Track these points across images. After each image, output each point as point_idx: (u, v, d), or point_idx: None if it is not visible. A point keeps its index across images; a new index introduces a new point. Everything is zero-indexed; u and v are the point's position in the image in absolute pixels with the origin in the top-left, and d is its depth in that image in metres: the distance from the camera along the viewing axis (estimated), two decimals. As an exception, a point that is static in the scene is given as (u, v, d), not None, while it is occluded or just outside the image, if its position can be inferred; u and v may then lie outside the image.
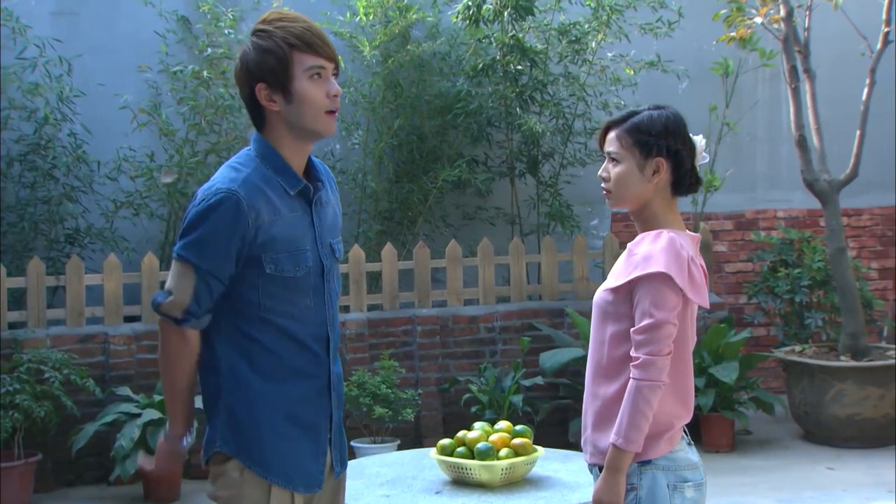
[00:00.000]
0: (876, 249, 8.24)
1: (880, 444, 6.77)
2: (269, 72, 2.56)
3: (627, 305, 2.79)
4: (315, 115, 2.58)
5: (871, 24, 6.96)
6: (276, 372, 2.61)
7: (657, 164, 2.86)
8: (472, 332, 6.90)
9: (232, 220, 2.52)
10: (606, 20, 7.18)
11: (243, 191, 2.54)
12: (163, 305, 2.58)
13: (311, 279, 2.63)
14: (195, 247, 2.55)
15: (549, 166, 7.45)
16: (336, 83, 2.63)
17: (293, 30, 2.57)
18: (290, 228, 2.59)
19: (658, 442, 2.79)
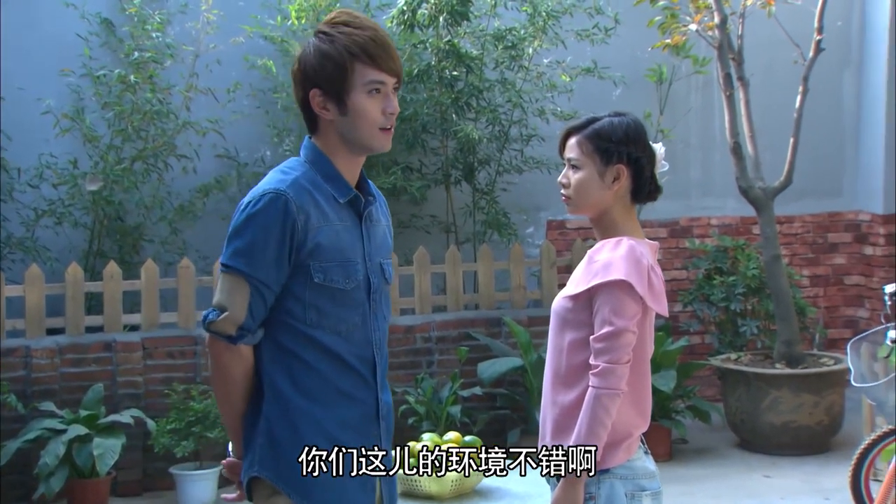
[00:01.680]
0: (807, 257, 8.41)
1: (815, 451, 6.90)
2: (325, 79, 2.47)
3: (587, 313, 2.81)
4: (369, 131, 2.50)
5: (803, 33, 7.11)
6: (320, 392, 2.49)
7: (618, 171, 2.88)
8: (409, 342, 6.88)
9: (281, 223, 2.42)
10: (543, 26, 7.22)
11: (292, 192, 2.45)
12: (215, 324, 2.45)
13: (359, 294, 2.53)
14: (245, 254, 2.43)
15: (486, 173, 7.48)
16: (395, 100, 2.54)
17: (358, 38, 2.47)
18: (340, 237, 2.50)
19: (616, 450, 2.81)
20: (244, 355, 2.48)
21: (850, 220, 8.44)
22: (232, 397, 2.50)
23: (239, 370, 2.48)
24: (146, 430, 6.22)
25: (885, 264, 8.21)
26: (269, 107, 7.36)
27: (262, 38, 7.29)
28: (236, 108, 7.22)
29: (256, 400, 2.51)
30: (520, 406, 6.81)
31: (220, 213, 7.33)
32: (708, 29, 7.06)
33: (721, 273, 7.56)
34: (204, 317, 2.48)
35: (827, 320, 8.26)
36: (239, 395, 2.50)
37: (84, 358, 6.34)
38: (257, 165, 7.42)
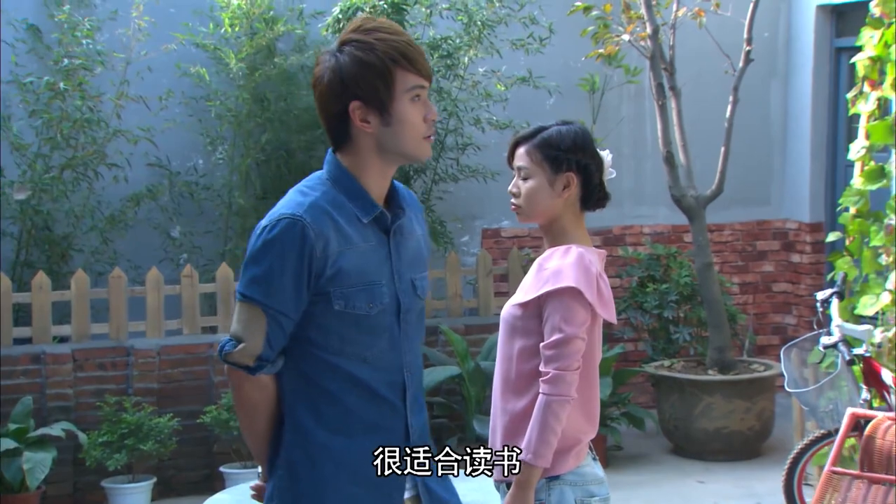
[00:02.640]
0: (737, 264, 8.55)
1: (747, 456, 7.02)
2: (368, 89, 2.34)
3: (536, 320, 2.83)
4: (414, 139, 2.39)
5: (732, 43, 7.23)
6: (343, 425, 2.37)
7: (567, 178, 2.91)
8: (345, 351, 6.84)
9: (298, 250, 2.29)
10: (478, 35, 7.27)
11: (309, 216, 2.31)
12: (232, 355, 2.34)
13: (385, 318, 2.39)
14: (261, 283, 2.30)
15: (421, 182, 7.49)
16: (433, 106, 2.45)
17: (396, 44, 2.36)
18: (363, 260, 2.36)
19: (566, 457, 2.84)
20: (264, 384, 2.37)
21: (778, 228, 8.61)
22: (255, 425, 2.41)
23: (260, 398, 2.38)
24: (77, 444, 6.13)
25: (812, 272, 8.38)
26: (201, 115, 7.30)
27: (194, 45, 7.23)
28: (168, 116, 7.16)
29: (278, 426, 2.41)
30: (457, 415, 6.83)
31: (151, 223, 7.25)
32: (640, 39, 7.15)
33: (654, 281, 7.66)
34: (220, 347, 2.38)
35: (756, 327, 8.41)
36: (262, 423, 2.40)
37: (13, 370, 6.23)
38: (189, 174, 7.36)
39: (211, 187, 7.33)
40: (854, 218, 6.10)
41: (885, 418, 4.12)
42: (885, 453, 3.97)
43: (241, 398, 2.39)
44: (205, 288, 6.84)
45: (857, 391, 4.98)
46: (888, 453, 3.96)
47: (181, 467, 6.55)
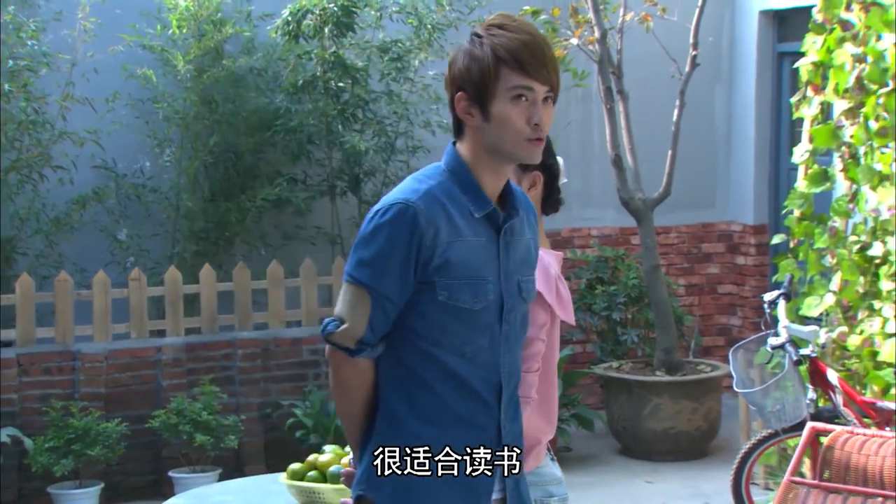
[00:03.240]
0: (683, 266, 8.65)
1: (694, 456, 7.10)
2: (470, 82, 2.33)
3: None
4: (514, 141, 2.34)
5: (679, 48, 7.32)
6: (436, 415, 2.37)
7: (534, 177, 2.92)
8: (296, 354, 6.85)
9: (408, 236, 2.30)
10: (428, 39, 7.29)
11: (423, 203, 2.31)
12: (334, 335, 2.35)
13: (488, 316, 2.38)
14: (369, 266, 2.31)
15: (372, 185, 7.49)
16: (543, 110, 2.35)
17: (506, 41, 2.31)
18: (471, 254, 2.35)
19: (526, 458, 2.85)
20: (363, 369, 2.37)
21: (723, 230, 8.73)
22: (351, 409, 2.40)
23: (357, 383, 2.38)
24: (23, 449, 6.06)
25: (756, 273, 8.51)
26: (148, 117, 7.25)
27: (141, 47, 7.17)
28: (115, 118, 7.09)
29: (371, 414, 2.41)
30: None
31: (97, 225, 7.18)
32: (588, 43, 7.22)
33: (602, 283, 7.73)
34: (323, 326, 2.38)
35: (702, 328, 8.52)
36: (358, 408, 2.40)
37: (-43, 376, 6.13)
38: (136, 176, 7.30)
39: (158, 190, 7.27)
40: (799, 220, 6.22)
41: (843, 431, 4.21)
42: (842, 464, 4.06)
43: (339, 380, 2.39)
44: (153, 291, 6.79)
45: (803, 391, 5.07)
46: (845, 464, 4.05)
47: (129, 472, 6.50)
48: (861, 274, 5.81)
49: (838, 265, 5.91)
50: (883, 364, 5.57)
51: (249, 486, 4.01)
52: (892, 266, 5.60)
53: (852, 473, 4.03)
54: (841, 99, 5.96)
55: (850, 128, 5.89)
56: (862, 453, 4.03)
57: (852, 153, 5.93)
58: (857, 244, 5.84)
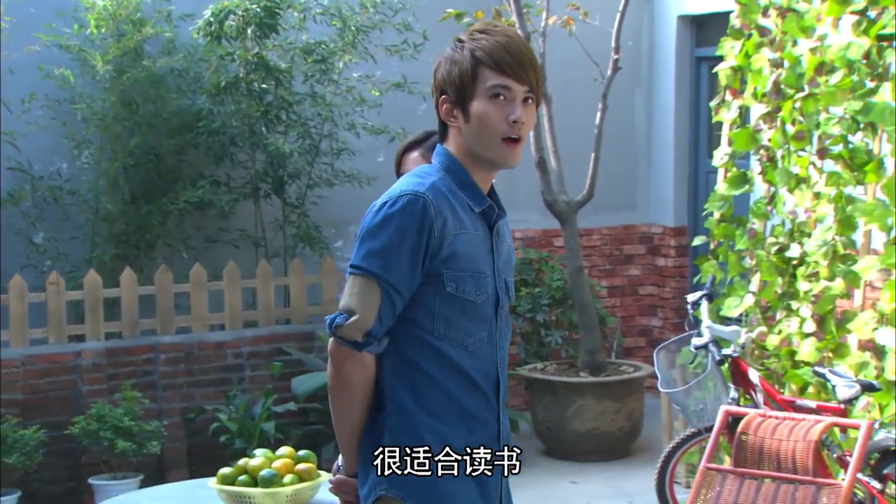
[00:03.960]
0: (605, 268, 8.77)
1: (617, 456, 7.20)
2: (451, 85, 2.42)
3: None
4: (489, 140, 2.39)
5: (601, 51, 7.43)
6: (443, 410, 2.39)
7: None
8: (219, 358, 6.80)
9: (418, 226, 2.32)
10: (352, 41, 7.29)
11: (431, 194, 2.36)
12: (343, 328, 2.32)
13: (487, 309, 2.42)
14: (379, 256, 2.32)
15: (296, 187, 7.47)
16: (522, 110, 2.40)
17: (484, 43, 2.39)
18: (473, 247, 2.40)
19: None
20: (367, 364, 2.36)
21: (644, 232, 8.86)
22: (352, 408, 2.38)
23: (361, 379, 2.36)
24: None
25: (677, 275, 8.66)
26: (66, 118, 7.14)
27: (57, 46, 7.06)
28: (31, 119, 6.97)
29: (375, 413, 2.39)
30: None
31: (13, 228, 7.06)
32: (512, 46, 7.28)
33: (526, 285, 7.80)
34: (330, 321, 2.35)
35: (623, 329, 8.64)
36: (359, 407, 2.38)
37: None
38: (53, 178, 7.18)
39: (77, 192, 7.16)
40: (719, 222, 6.35)
41: (755, 415, 4.31)
42: (756, 449, 4.15)
43: (342, 377, 2.36)
44: (71, 295, 6.69)
45: (725, 391, 5.18)
46: (759, 449, 4.14)
47: (47, 480, 6.39)
48: (779, 275, 5.96)
49: (757, 266, 6.05)
50: (801, 363, 5.72)
51: (178, 492, 3.98)
52: (808, 267, 5.75)
53: (766, 458, 4.13)
54: (759, 103, 6.10)
55: (768, 131, 6.04)
56: (774, 437, 4.13)
57: (770, 156, 6.07)
58: (775, 246, 5.98)
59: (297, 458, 3.71)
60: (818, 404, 4.97)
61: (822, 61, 5.64)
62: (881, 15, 5.32)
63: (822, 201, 5.68)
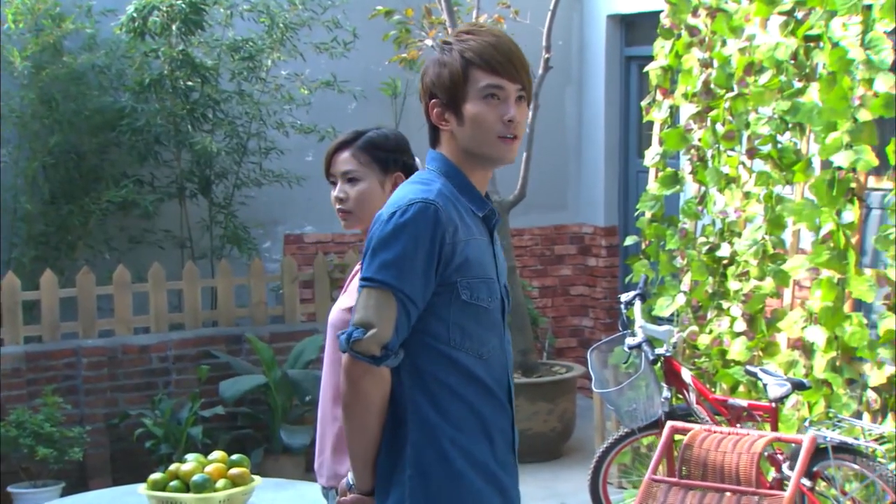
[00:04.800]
0: (536, 268, 8.84)
1: (550, 457, 7.26)
2: (441, 88, 2.39)
3: None
4: (486, 139, 2.38)
5: (532, 50, 7.47)
6: (465, 421, 2.36)
7: (396, 179, 2.97)
8: (144, 362, 6.73)
9: (431, 234, 2.30)
10: (280, 38, 7.26)
11: (440, 201, 2.33)
12: (361, 343, 2.28)
13: (496, 315, 2.41)
14: (393, 267, 2.28)
15: (223, 187, 7.42)
16: (516, 108, 2.39)
17: (473, 44, 2.38)
18: (481, 253, 2.38)
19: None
20: (385, 378, 2.32)
21: (575, 232, 8.95)
22: (370, 425, 2.34)
23: (379, 395, 2.32)
24: None
25: (608, 275, 8.76)
26: (-18, 115, 7.01)
27: (-31, 41, 6.94)
28: (-57, 116, 6.84)
29: (394, 428, 2.36)
30: (263, 425, 6.81)
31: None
32: (443, 45, 7.31)
33: (458, 285, 7.82)
34: (347, 336, 2.31)
35: (555, 329, 8.71)
36: (377, 423, 2.35)
37: None
38: (-38, 178, 7.06)
39: (-7, 192, 7.05)
40: (650, 222, 6.44)
41: (701, 430, 4.39)
42: (700, 461, 4.23)
43: (360, 393, 2.32)
44: (-11, 299, 6.58)
45: (658, 390, 5.26)
46: (703, 461, 4.22)
47: (-36, 489, 6.28)
48: (710, 274, 6.06)
49: (688, 266, 6.15)
50: (731, 362, 5.83)
51: (105, 499, 3.94)
52: (739, 266, 5.86)
53: (710, 470, 4.21)
54: (689, 103, 6.21)
55: (699, 131, 6.14)
56: (719, 451, 4.22)
57: (700, 156, 6.18)
58: (706, 245, 6.09)
59: (230, 462, 3.70)
60: (750, 403, 5.07)
61: (751, 61, 5.75)
62: (808, 16, 5.44)
63: (751, 201, 5.79)
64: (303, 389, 6.58)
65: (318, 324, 7.13)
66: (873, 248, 5.34)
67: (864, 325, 5.20)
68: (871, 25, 5.07)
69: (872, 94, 5.05)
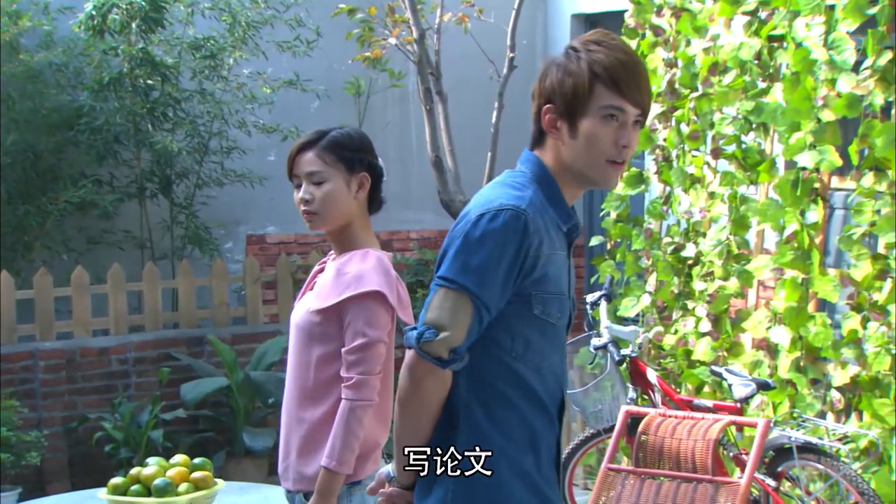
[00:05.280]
0: (501, 269, 8.84)
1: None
2: (561, 96, 2.30)
3: (336, 325, 2.88)
4: (595, 160, 2.29)
5: (496, 49, 7.49)
6: (516, 433, 2.33)
7: (361, 179, 2.98)
8: (103, 364, 6.69)
9: (518, 244, 2.23)
10: (242, 36, 7.24)
11: (532, 212, 2.26)
12: (431, 344, 2.23)
13: (562, 332, 2.38)
14: (476, 272, 2.22)
15: (184, 186, 7.39)
16: (633, 134, 2.31)
17: (603, 58, 2.28)
18: (559, 267, 2.33)
19: (366, 462, 2.92)
20: (447, 381, 2.28)
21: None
22: (423, 423, 2.31)
23: (439, 396, 2.29)
24: None
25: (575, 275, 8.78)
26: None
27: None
28: None
29: (444, 429, 2.33)
30: (225, 428, 6.78)
31: None
32: (406, 43, 7.31)
33: (423, 286, 7.84)
34: (418, 335, 2.26)
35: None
36: (430, 422, 2.32)
37: None
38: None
39: (-53, 192, 6.97)
40: (616, 222, 6.48)
41: (656, 415, 4.41)
42: (656, 448, 4.25)
43: (420, 393, 2.28)
44: (-56, 301, 6.52)
45: (623, 391, 5.29)
46: (659, 448, 4.24)
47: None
48: (675, 275, 6.10)
49: (654, 266, 6.19)
50: (697, 363, 5.87)
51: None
52: (704, 267, 5.90)
53: (666, 457, 4.23)
54: (654, 103, 6.24)
55: (664, 131, 6.18)
56: (675, 437, 4.24)
57: (665, 156, 6.22)
58: (671, 245, 6.13)
59: (193, 466, 3.68)
60: (715, 403, 5.11)
61: (716, 61, 5.80)
62: (772, 16, 5.50)
63: (716, 201, 5.84)
64: (265, 391, 6.57)
65: (281, 325, 7.11)
66: (837, 248, 5.40)
67: (827, 325, 5.26)
68: (833, 26, 5.13)
69: (835, 94, 5.11)
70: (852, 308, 5.13)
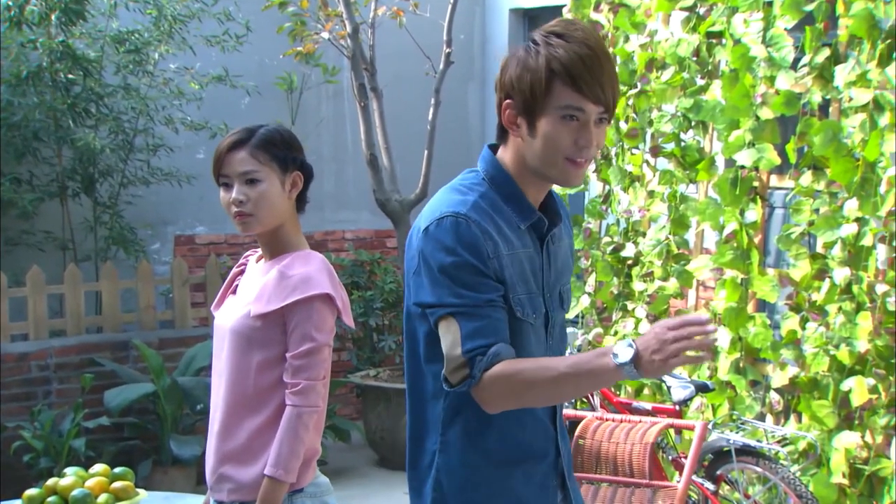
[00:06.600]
0: (438, 270, 8.85)
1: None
2: (519, 92, 2.25)
3: (278, 330, 2.85)
4: (552, 160, 2.25)
5: (432, 44, 7.51)
6: (499, 446, 2.32)
7: (295, 178, 2.96)
8: (23, 371, 6.60)
9: (468, 247, 2.22)
10: (169, 30, 7.17)
11: (475, 215, 2.24)
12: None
13: (541, 330, 2.34)
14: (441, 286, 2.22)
15: (108, 185, 7.31)
16: (596, 132, 2.26)
17: (563, 53, 2.21)
18: (524, 265, 2.29)
19: (307, 469, 2.92)
20: (497, 374, 2.21)
21: (479, 232, 8.99)
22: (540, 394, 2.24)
23: (510, 384, 2.22)
24: None
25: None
26: None
27: None
28: None
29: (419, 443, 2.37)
30: (151, 435, 6.72)
31: None
32: (340, 38, 7.30)
33: (358, 288, 7.83)
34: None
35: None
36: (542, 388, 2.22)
37: None
38: None
39: None
40: (554, 222, 6.51)
41: (593, 419, 4.45)
42: (593, 453, 4.29)
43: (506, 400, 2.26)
44: None
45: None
46: (596, 453, 4.28)
47: None
48: (615, 275, 6.16)
49: (593, 267, 6.24)
50: (636, 364, 5.92)
51: (-21, 517, 3.86)
52: (643, 267, 5.96)
53: (603, 461, 4.28)
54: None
55: (603, 129, 6.23)
56: (612, 441, 4.29)
57: (604, 154, 6.27)
58: (610, 245, 6.18)
59: (113, 475, 3.64)
60: (654, 406, 5.16)
61: (654, 57, 5.86)
62: (710, 12, 5.56)
63: (655, 200, 5.90)
64: (194, 398, 6.52)
65: (211, 329, 7.06)
66: (776, 247, 5.48)
67: (767, 326, 5.33)
68: (772, 22, 5.21)
69: (774, 91, 5.19)
70: (791, 308, 5.21)
